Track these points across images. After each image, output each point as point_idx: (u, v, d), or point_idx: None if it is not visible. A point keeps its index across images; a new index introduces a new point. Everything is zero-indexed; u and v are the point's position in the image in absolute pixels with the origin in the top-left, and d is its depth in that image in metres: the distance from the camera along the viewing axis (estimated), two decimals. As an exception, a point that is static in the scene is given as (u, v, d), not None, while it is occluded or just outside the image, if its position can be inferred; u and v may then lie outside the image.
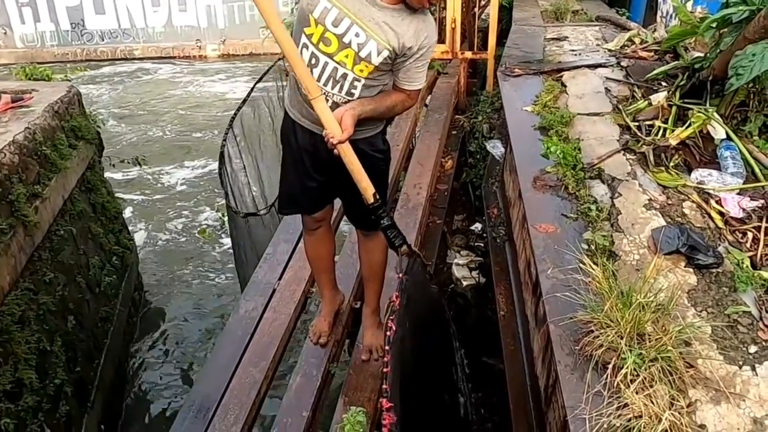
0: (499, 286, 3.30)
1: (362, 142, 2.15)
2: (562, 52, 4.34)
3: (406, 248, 2.17)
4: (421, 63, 2.05)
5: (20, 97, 4.01)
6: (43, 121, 3.71)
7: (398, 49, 1.96)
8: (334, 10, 1.92)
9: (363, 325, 2.74)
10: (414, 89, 2.11)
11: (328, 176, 2.29)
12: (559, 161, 2.79)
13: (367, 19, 1.92)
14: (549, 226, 2.48)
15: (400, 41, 1.95)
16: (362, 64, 1.98)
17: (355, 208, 2.40)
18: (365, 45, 1.94)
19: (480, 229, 4.95)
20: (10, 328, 2.77)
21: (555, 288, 2.14)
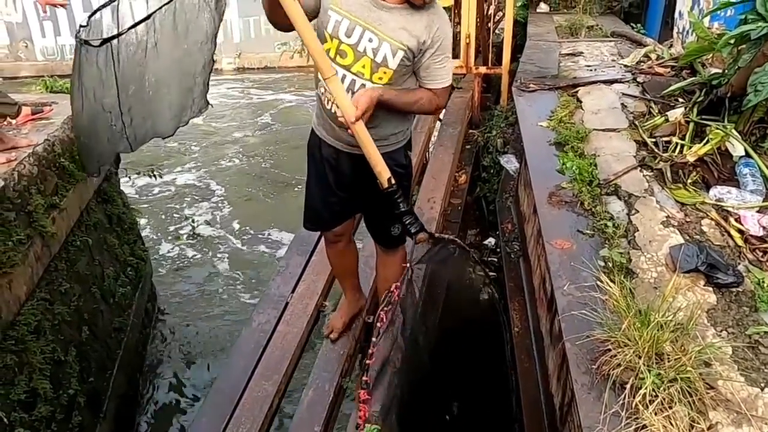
0: (513, 302, 3.27)
1: (384, 157, 2.08)
2: (577, 67, 4.34)
3: (425, 235, 2.11)
4: (440, 57, 2.01)
5: (40, 110, 4.07)
6: (62, 132, 3.77)
7: (414, 48, 1.95)
8: (345, 21, 1.93)
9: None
10: (439, 87, 2.06)
11: (350, 192, 2.30)
12: (574, 177, 2.77)
13: (377, 23, 1.93)
14: (565, 242, 2.46)
15: (413, 38, 1.94)
16: (380, 71, 1.97)
17: (376, 224, 2.42)
18: (379, 49, 1.94)
19: (493, 244, 4.92)
20: (26, 338, 2.78)
21: (571, 305, 2.11)
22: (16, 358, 2.65)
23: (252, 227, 6.78)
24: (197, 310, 5.32)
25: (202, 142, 9.77)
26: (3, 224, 2.81)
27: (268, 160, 8.89)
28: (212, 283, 5.72)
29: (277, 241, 6.42)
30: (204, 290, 5.62)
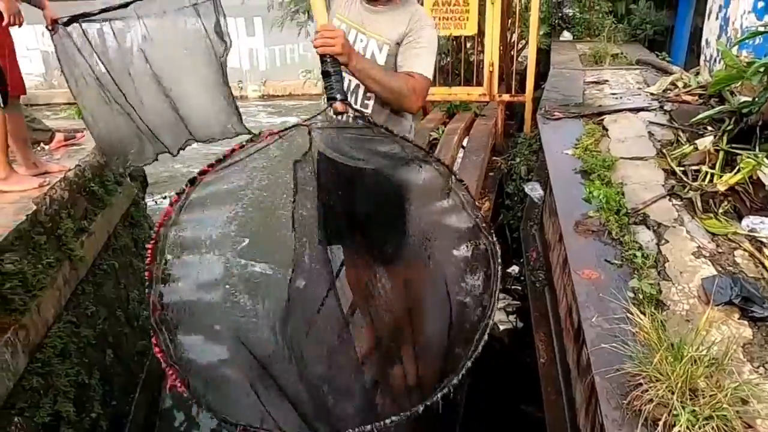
0: (539, 333, 3.21)
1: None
2: (602, 95, 4.32)
3: (343, 105, 1.75)
4: (418, 45, 2.02)
5: (72, 136, 4.20)
6: (93, 158, 3.86)
7: (398, 39, 2.05)
8: (343, 26, 2.09)
9: None
10: (415, 70, 2.00)
11: None
12: (601, 206, 2.73)
13: (366, 24, 2.08)
14: (592, 272, 2.42)
15: (395, 32, 2.05)
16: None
17: None
18: (367, 47, 2.08)
19: (517, 272, 4.86)
20: (52, 361, 2.81)
21: (600, 337, 2.06)
22: (41, 380, 2.67)
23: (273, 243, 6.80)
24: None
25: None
26: (34, 247, 2.87)
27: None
28: (234, 308, 5.73)
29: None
30: (226, 315, 5.63)
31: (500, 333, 4.27)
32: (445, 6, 5.47)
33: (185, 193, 1.35)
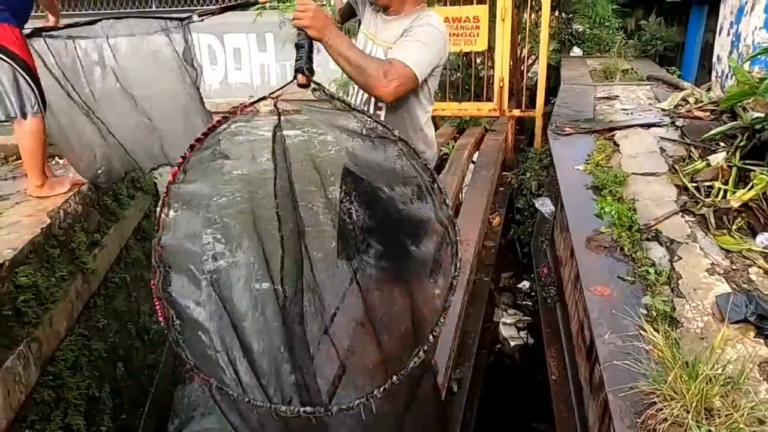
0: (550, 349, 3.18)
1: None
2: (613, 111, 4.32)
3: (302, 78, 1.73)
4: (409, 39, 1.92)
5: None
6: (107, 172, 3.90)
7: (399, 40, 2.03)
8: (362, 37, 2.16)
9: None
10: (396, 57, 1.87)
11: None
12: (613, 221, 2.72)
13: (377, 33, 2.12)
14: (604, 288, 2.40)
15: (398, 33, 2.02)
16: None
17: None
18: (375, 54, 2.07)
19: (528, 287, 4.83)
20: (64, 374, 2.82)
21: (613, 354, 2.04)
22: (53, 393, 2.68)
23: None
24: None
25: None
26: (48, 261, 2.89)
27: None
28: (244, 322, 5.73)
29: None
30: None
31: (511, 349, 4.24)
32: (455, 23, 5.51)
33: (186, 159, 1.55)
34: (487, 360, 3.87)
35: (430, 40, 1.91)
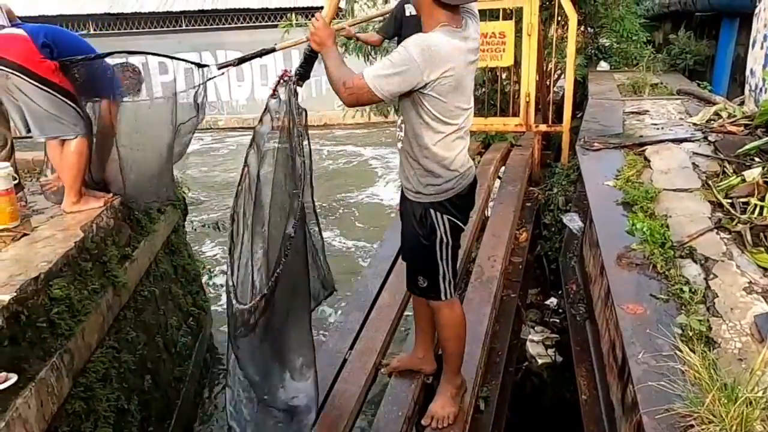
0: (580, 368, 3.11)
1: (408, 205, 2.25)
2: (643, 126, 4.26)
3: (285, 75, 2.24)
4: (388, 56, 2.01)
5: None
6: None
7: None
8: None
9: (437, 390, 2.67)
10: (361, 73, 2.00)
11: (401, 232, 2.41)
12: (645, 238, 2.67)
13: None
14: (637, 306, 2.35)
15: None
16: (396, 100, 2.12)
17: (408, 276, 2.42)
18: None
19: (555, 304, 4.76)
20: (94, 385, 2.86)
21: (647, 375, 1.99)
22: (83, 405, 2.71)
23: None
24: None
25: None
26: (80, 274, 2.95)
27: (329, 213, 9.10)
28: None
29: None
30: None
31: (538, 367, 4.17)
32: (481, 38, 5.50)
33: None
34: (515, 378, 3.81)
35: (397, 60, 1.94)
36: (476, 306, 3.27)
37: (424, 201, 2.18)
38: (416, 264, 2.35)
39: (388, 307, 3.43)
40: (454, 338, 2.43)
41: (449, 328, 2.41)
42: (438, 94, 1.97)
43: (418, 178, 2.14)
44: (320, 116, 15.68)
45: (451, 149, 2.10)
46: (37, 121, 3.21)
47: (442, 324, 2.43)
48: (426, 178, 2.13)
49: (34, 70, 3.06)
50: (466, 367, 2.66)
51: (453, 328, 2.40)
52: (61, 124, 3.23)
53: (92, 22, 15.36)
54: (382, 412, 2.72)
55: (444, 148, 2.08)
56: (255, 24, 15.33)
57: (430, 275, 2.28)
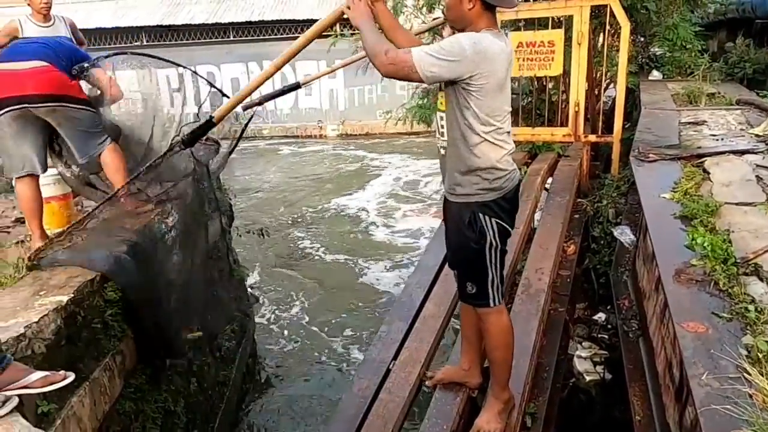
0: (633, 387, 3.00)
1: (454, 206, 2.24)
2: (701, 136, 4.10)
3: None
4: (437, 45, 2.01)
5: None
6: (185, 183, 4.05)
7: None
8: None
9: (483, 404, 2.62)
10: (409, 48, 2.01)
11: (447, 239, 2.40)
12: (706, 254, 2.55)
13: None
14: (698, 325, 2.24)
15: None
16: (440, 96, 2.14)
17: (462, 282, 2.38)
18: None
19: (604, 319, 4.60)
20: (143, 386, 2.92)
21: (710, 398, 1.89)
22: (133, 405, 2.77)
23: (352, 289, 6.86)
24: (296, 368, 5.37)
25: (308, 202, 10.18)
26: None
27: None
28: (313, 343, 5.77)
29: (375, 303, 6.44)
30: (302, 347, 5.68)
31: (586, 384, 4.03)
32: (529, 47, 5.44)
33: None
34: (562, 394, 3.69)
35: (447, 47, 1.96)
36: (523, 319, 3.19)
37: (473, 202, 2.18)
38: (465, 270, 2.33)
39: (433, 318, 3.39)
40: (502, 347, 2.38)
41: (497, 336, 2.37)
42: (484, 94, 2.04)
43: (468, 177, 2.15)
44: (362, 125, 15.79)
45: (499, 148, 2.15)
46: (84, 144, 3.22)
47: (490, 332, 2.38)
48: (475, 176, 2.14)
49: (71, 94, 3.12)
50: (513, 382, 2.60)
51: (501, 335, 2.36)
52: (98, 136, 3.27)
53: (145, 33, 15.91)
54: (426, 425, 2.67)
55: (492, 147, 2.13)
56: (300, 35, 15.57)
57: (478, 281, 2.25)
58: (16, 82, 2.93)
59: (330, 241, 8.42)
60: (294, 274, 7.38)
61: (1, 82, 2.95)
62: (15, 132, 3.01)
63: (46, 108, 3.02)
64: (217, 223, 4.71)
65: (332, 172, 12.50)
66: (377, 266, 7.43)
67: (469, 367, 2.72)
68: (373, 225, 9.00)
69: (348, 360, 5.42)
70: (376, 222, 9.12)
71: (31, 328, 2.15)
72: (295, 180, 11.94)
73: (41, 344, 2.17)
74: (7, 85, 2.94)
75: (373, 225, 9.00)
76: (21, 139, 3.04)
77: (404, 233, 8.56)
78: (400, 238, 8.38)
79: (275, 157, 14.02)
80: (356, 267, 7.49)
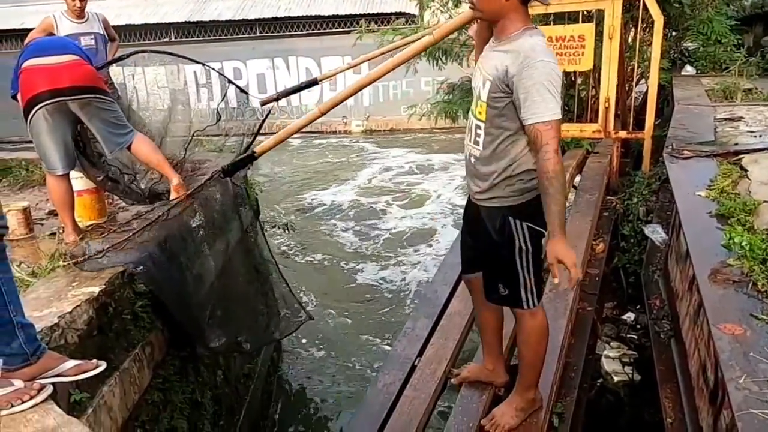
0: (665, 389, 2.93)
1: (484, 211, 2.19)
2: (737, 133, 3.98)
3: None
4: (532, 86, 1.88)
5: (197, 167, 4.50)
6: (216, 186, 4.09)
7: (499, 76, 1.96)
8: (474, 68, 2.17)
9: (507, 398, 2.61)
10: (536, 121, 1.89)
11: (474, 241, 2.36)
12: (744, 253, 2.48)
13: (484, 62, 2.08)
14: (735, 327, 2.18)
15: (499, 67, 1.96)
16: (479, 105, 2.08)
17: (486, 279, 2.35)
18: (478, 83, 2.08)
19: (633, 319, 4.52)
20: (171, 377, 2.95)
21: (748, 402, 1.84)
22: (162, 395, 2.80)
23: (375, 284, 6.86)
24: (320, 361, 5.39)
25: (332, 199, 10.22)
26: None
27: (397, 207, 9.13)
28: (335, 336, 5.79)
29: (400, 296, 6.43)
30: (326, 341, 5.69)
31: (614, 384, 3.96)
32: (559, 42, 5.35)
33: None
34: (589, 395, 3.64)
35: (555, 82, 1.91)
36: (551, 318, 3.13)
37: (504, 206, 2.12)
38: (496, 272, 2.28)
39: (459, 315, 3.36)
40: (534, 349, 2.36)
41: (529, 337, 2.34)
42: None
43: (504, 182, 2.09)
44: (386, 121, 15.76)
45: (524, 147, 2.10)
46: (113, 136, 3.23)
47: (522, 333, 2.36)
48: (513, 180, 2.08)
49: (101, 87, 3.15)
50: (540, 382, 2.56)
51: (533, 336, 2.33)
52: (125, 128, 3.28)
53: (173, 30, 16.10)
54: (451, 422, 2.65)
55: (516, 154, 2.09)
56: (326, 30, 15.60)
57: (510, 284, 2.22)
58: (52, 76, 2.97)
59: (349, 231, 8.44)
60: (312, 266, 7.41)
61: (37, 76, 2.99)
62: (51, 127, 3.05)
63: (81, 101, 3.05)
64: (245, 217, 4.74)
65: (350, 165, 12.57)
66: (399, 259, 7.42)
67: (493, 367, 2.70)
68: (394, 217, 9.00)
69: (372, 353, 5.42)
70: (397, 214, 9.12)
71: (65, 318, 2.19)
72: (311, 172, 12.04)
73: (74, 334, 2.21)
74: (43, 79, 2.98)
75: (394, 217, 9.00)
76: (56, 135, 3.08)
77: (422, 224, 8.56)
78: (418, 228, 8.38)
79: (300, 153, 14.08)
80: (378, 259, 7.49)
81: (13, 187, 4.87)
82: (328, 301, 6.49)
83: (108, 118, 3.18)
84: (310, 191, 10.77)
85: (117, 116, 3.23)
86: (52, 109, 3.01)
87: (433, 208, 9.28)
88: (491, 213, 2.16)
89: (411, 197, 9.92)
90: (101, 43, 4.61)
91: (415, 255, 7.59)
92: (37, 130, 3.05)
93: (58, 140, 3.09)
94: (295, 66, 15.93)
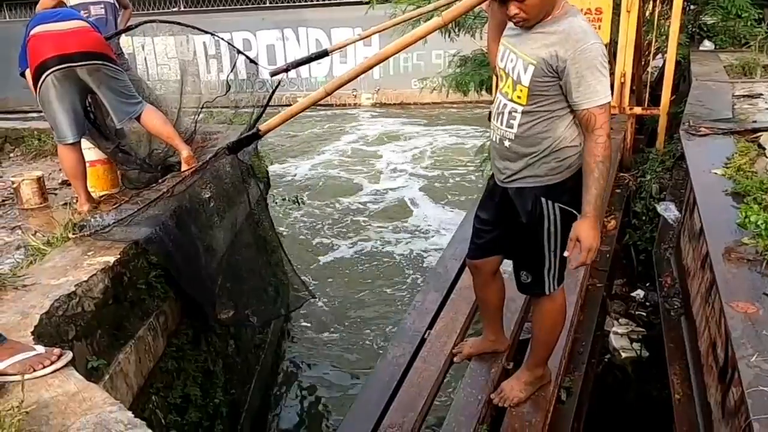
0: (674, 366, 2.95)
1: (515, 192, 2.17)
2: (756, 110, 3.91)
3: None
4: (586, 69, 1.86)
5: (207, 139, 4.50)
6: (224, 159, 4.09)
7: (549, 59, 1.90)
8: (502, 47, 2.10)
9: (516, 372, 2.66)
10: (592, 105, 1.89)
11: (496, 227, 2.32)
12: (759, 232, 2.46)
13: (518, 44, 2.01)
14: (748, 305, 2.17)
15: (546, 51, 1.91)
16: (518, 89, 2.01)
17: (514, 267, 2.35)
18: (515, 66, 2.01)
19: (642, 296, 4.52)
20: (184, 346, 3.00)
21: (759, 379, 1.84)
22: (175, 364, 2.85)
23: (388, 253, 6.88)
24: (330, 333, 5.45)
25: (341, 172, 10.20)
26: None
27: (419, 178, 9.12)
28: (348, 308, 5.82)
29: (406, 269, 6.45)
30: (338, 314, 5.74)
31: (622, 360, 3.98)
32: (575, 14, 5.23)
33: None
34: (597, 370, 3.66)
35: (604, 62, 1.88)
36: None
37: (538, 185, 2.09)
38: (520, 258, 2.28)
39: (468, 289, 3.37)
40: (550, 329, 2.40)
41: (547, 320, 2.38)
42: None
43: (542, 160, 2.06)
44: (397, 94, 15.62)
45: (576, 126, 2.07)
46: (123, 106, 3.23)
47: (539, 314, 2.40)
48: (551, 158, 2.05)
49: (109, 54, 3.14)
50: (551, 357, 2.59)
51: (550, 320, 2.37)
52: (134, 98, 3.28)
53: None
54: (460, 395, 2.69)
55: (575, 128, 2.04)
56: (337, 1, 15.37)
57: (534, 269, 2.22)
58: (59, 42, 2.96)
59: (356, 207, 8.44)
60: (321, 239, 7.43)
61: (44, 42, 2.98)
62: (60, 95, 3.04)
63: (90, 66, 3.04)
64: (255, 190, 4.75)
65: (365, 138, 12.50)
66: (409, 234, 7.43)
67: (495, 337, 2.75)
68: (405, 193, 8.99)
69: (379, 325, 5.46)
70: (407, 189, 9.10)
71: (81, 287, 2.22)
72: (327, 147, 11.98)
73: (90, 302, 2.24)
74: (50, 45, 2.97)
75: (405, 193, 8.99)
76: (66, 102, 3.08)
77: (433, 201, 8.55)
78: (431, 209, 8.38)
79: (309, 125, 14.02)
80: (387, 234, 7.51)
81: (27, 156, 4.91)
82: (336, 271, 6.51)
83: (117, 86, 3.17)
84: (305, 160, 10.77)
85: (126, 86, 3.22)
86: (61, 76, 3.00)
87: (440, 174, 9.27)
88: (523, 193, 2.13)
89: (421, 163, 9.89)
90: (111, 13, 4.58)
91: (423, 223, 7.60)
92: (47, 97, 3.05)
93: (67, 108, 3.08)
94: (305, 37, 15.74)
